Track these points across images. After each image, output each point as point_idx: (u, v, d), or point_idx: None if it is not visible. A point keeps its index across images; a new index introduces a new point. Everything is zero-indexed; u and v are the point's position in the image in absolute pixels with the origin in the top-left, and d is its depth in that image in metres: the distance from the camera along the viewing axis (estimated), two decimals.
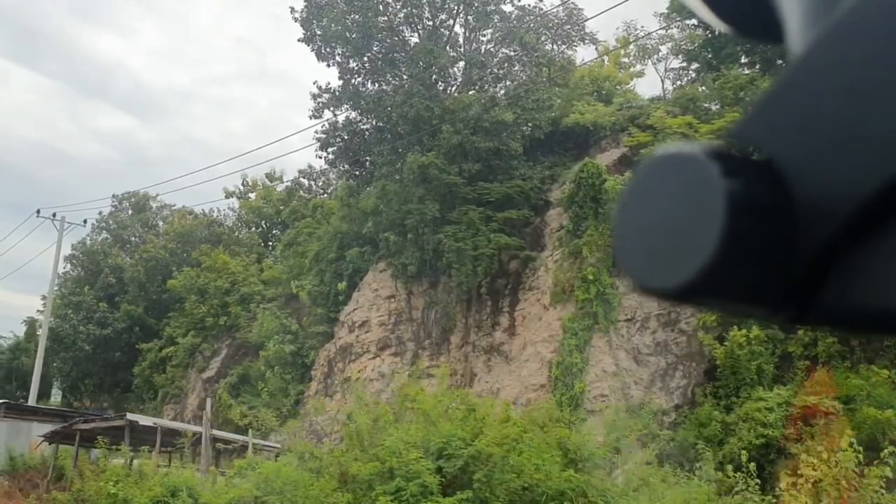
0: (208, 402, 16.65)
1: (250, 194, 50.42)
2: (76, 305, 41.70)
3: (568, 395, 21.80)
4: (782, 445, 16.67)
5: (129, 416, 13.48)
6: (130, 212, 49.08)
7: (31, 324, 59.22)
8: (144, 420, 15.34)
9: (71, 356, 41.15)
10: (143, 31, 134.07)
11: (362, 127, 31.05)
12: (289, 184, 48.88)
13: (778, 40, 0.50)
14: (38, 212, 32.98)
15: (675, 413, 20.97)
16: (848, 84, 0.39)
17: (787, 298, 0.41)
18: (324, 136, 31.89)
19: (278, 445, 17.95)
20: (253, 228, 47.98)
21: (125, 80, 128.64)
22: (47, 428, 21.43)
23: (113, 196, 47.93)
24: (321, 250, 30.34)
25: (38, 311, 58.88)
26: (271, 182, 51.09)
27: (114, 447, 17.35)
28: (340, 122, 31.28)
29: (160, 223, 49.69)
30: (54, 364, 42.13)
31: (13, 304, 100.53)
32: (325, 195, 46.41)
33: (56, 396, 53.61)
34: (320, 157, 33.26)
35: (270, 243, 48.45)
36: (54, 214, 33.50)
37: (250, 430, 18.92)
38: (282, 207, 47.28)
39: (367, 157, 30.72)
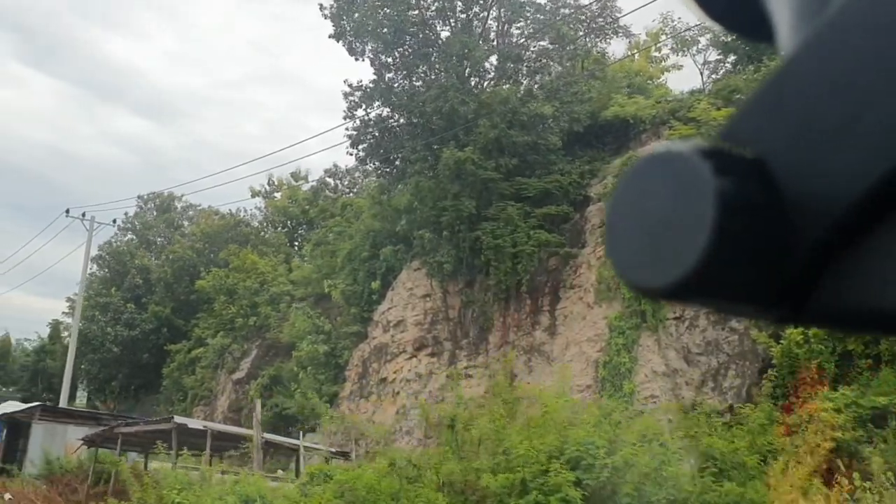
0: (257, 404, 16.10)
1: (276, 194, 50.09)
2: (103, 307, 41.47)
3: (617, 397, 21.07)
4: (853, 448, 15.86)
5: (177, 418, 12.93)
6: (155, 213, 48.89)
7: (56, 326, 59.33)
8: (194, 423, 14.78)
9: (99, 358, 40.92)
10: (158, 36, 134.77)
11: (394, 123, 30.50)
12: (314, 183, 48.51)
13: (769, 39, 0.50)
14: (68, 211, 32.80)
15: (730, 414, 20.19)
16: (839, 82, 0.39)
17: (781, 297, 0.41)
18: (354, 133, 31.38)
19: (331, 449, 17.35)
20: (279, 228, 47.59)
21: (141, 84, 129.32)
22: (82, 431, 21.03)
23: (138, 197, 47.79)
24: (353, 249, 29.80)
25: (63, 312, 58.97)
26: (296, 181, 50.74)
27: (152, 450, 16.87)
28: (372, 118, 30.75)
29: (185, 223, 49.45)
30: (82, 366, 41.95)
31: (34, 308, 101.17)
32: (351, 194, 45.96)
33: (81, 399, 53.54)
34: (351, 155, 32.72)
35: (296, 243, 48.06)
36: (84, 214, 33.26)
37: (302, 433, 18.30)
38: (307, 207, 46.90)
39: (399, 154, 30.14)
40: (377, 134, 30.63)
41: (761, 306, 0.42)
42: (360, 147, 31.65)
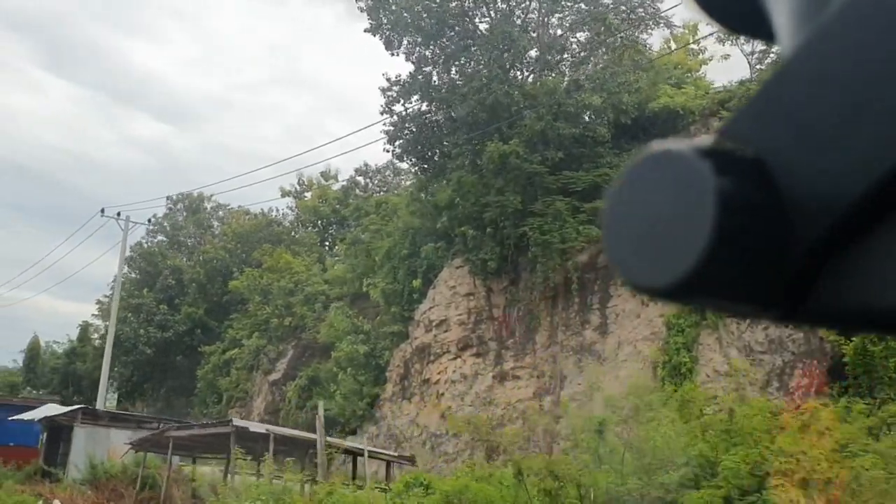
0: (320, 405, 15.33)
1: (306, 194, 49.62)
2: (136, 308, 41.18)
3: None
4: None
5: (236, 421, 12.23)
6: (185, 214, 48.60)
7: (86, 328, 59.33)
8: (255, 426, 14.06)
9: (131, 360, 40.66)
10: (177, 40, 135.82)
11: (432, 118, 29.81)
12: (345, 182, 47.99)
13: (769, 38, 0.51)
14: (103, 211, 32.46)
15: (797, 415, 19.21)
16: (839, 82, 0.39)
17: (780, 296, 0.42)
18: (391, 129, 30.73)
19: (394, 453, 16.60)
20: (310, 228, 47.09)
21: (160, 88, 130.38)
22: (125, 435, 20.51)
23: (167, 198, 47.46)
24: (392, 247, 29.11)
25: (92, 315, 59.00)
26: (326, 181, 50.25)
27: (202, 455, 16.29)
28: (409, 113, 30.09)
29: (215, 224, 49.13)
30: (115, 368, 41.68)
31: (61, 312, 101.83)
32: (381, 193, 45.34)
33: (111, 401, 53.41)
34: (387, 151, 32.09)
35: (327, 243, 47.54)
36: (118, 214, 32.90)
37: (366, 437, 17.49)
38: (338, 206, 46.39)
39: (438, 150, 29.44)
40: (415, 129, 29.96)
41: (761, 305, 0.42)
42: (397, 143, 31.03)
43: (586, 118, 25.08)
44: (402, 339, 28.01)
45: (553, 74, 27.09)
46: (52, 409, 23.61)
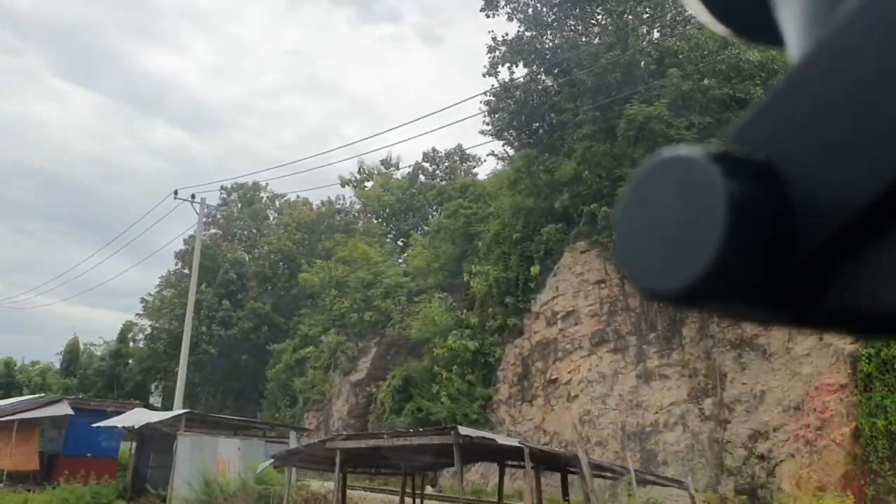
0: (575, 423, 12.03)
1: (367, 182, 46.60)
2: (196, 305, 38.18)
3: (892, 399, 16.76)
4: None
5: (463, 430, 9.20)
6: (239, 204, 45.68)
7: (130, 328, 56.76)
8: (504, 440, 10.70)
9: (193, 360, 37.62)
10: (195, 47, 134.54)
11: (542, 84, 26.61)
12: (409, 169, 44.94)
13: (778, 43, 0.51)
14: (176, 193, 29.56)
15: None
16: (850, 86, 0.39)
17: (790, 301, 0.42)
18: (493, 99, 27.56)
19: (682, 480, 13.31)
20: (375, 219, 43.99)
21: (179, 95, 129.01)
22: (232, 443, 17.46)
23: (221, 188, 44.51)
24: (501, 230, 25.85)
25: (136, 314, 56.34)
26: (387, 169, 47.22)
27: (371, 472, 13.23)
28: (513, 80, 26.93)
29: (271, 215, 46.18)
30: (175, 369, 38.76)
31: (93, 319, 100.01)
32: (446, 182, 42.14)
33: (156, 404, 50.63)
34: (487, 125, 28.91)
35: (390, 235, 44.42)
36: (193, 196, 30.01)
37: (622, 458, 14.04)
38: (404, 194, 43.34)
39: (547, 120, 26.17)
40: (519, 99, 26.80)
41: (771, 309, 0.42)
42: (497, 115, 27.87)
43: (739, 78, 21.72)
44: (516, 334, 24.77)
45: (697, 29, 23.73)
46: (143, 413, 20.60)
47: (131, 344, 56.25)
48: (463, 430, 9.80)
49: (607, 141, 23.14)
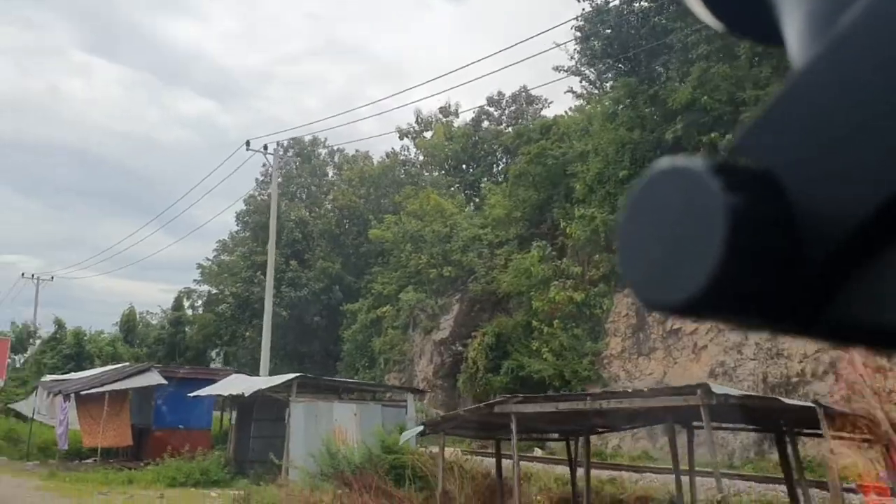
0: (705, 369, 10.08)
1: (426, 133, 44.39)
2: (262, 266, 36.74)
3: None
4: None
5: (715, 387, 7.39)
6: (298, 161, 43.89)
7: (188, 294, 56.06)
8: (791, 400, 8.84)
9: (263, 324, 36.35)
10: (217, 16, 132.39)
11: (643, 4, 24.05)
12: (473, 113, 42.57)
13: (777, 42, 0.50)
14: (248, 143, 27.79)
15: None
16: (856, 94, 0.38)
17: (793, 312, 0.41)
18: (583, 24, 25.10)
19: None
20: (439, 170, 41.89)
21: (204, 64, 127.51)
22: (349, 408, 15.85)
23: (277, 144, 42.66)
24: (604, 168, 23.59)
25: (193, 280, 55.53)
26: (446, 118, 44.90)
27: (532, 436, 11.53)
28: (607, 2, 24.42)
29: (330, 172, 44.36)
30: (247, 333, 37.65)
31: (134, 293, 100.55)
32: (509, 128, 39.74)
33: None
34: (571, 58, 26.48)
35: (454, 186, 42.32)
36: (265, 146, 28.24)
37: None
38: (466, 143, 41.09)
39: (644, 46, 23.65)
40: (615, 23, 24.31)
41: (774, 320, 0.41)
42: (587, 43, 25.44)
43: None
44: (624, 283, 22.67)
45: None
46: (241, 380, 19.12)
47: (189, 311, 55.63)
48: (717, 387, 7.92)
49: (727, 61, 20.65)
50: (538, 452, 21.12)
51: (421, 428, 12.12)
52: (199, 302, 55.67)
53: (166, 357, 53.74)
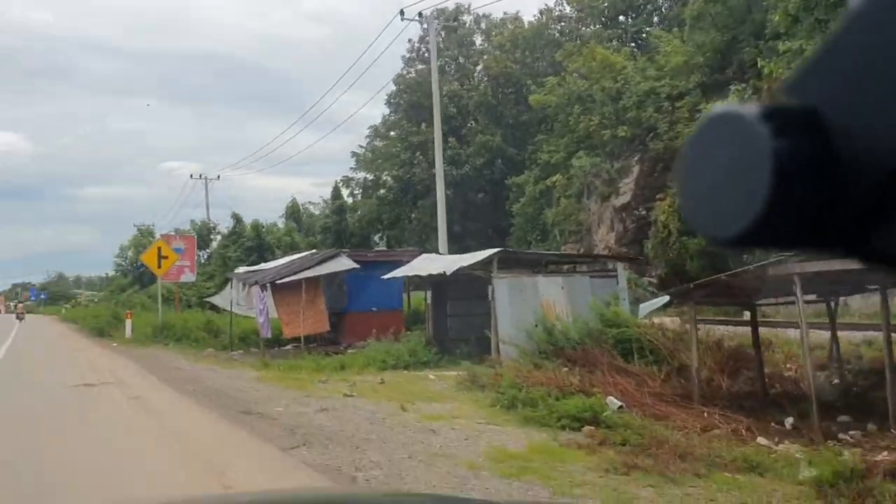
0: None
1: None
2: (420, 146, 35.96)
3: None
4: None
5: None
6: (443, 34, 41.82)
7: (346, 182, 57.02)
8: None
9: (429, 203, 35.94)
10: None
11: None
12: None
13: None
14: (402, 13, 26.29)
15: None
16: None
17: (840, 240, 0.45)
18: None
19: None
20: (594, 24, 38.31)
21: None
22: (555, 282, 14.74)
23: (419, 14, 40.76)
24: None
25: (350, 168, 56.14)
26: None
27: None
28: None
29: (478, 41, 42.03)
30: (412, 215, 37.54)
31: (285, 188, 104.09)
32: None
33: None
34: None
35: (614, 41, 38.72)
36: (420, 14, 26.63)
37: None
38: None
39: None
40: None
41: (823, 248, 0.45)
42: None
43: None
44: None
45: None
46: (433, 259, 18.61)
47: (349, 199, 56.75)
48: None
49: None
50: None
51: (665, 299, 10.78)
52: (358, 190, 56.64)
53: (335, 244, 55.70)
